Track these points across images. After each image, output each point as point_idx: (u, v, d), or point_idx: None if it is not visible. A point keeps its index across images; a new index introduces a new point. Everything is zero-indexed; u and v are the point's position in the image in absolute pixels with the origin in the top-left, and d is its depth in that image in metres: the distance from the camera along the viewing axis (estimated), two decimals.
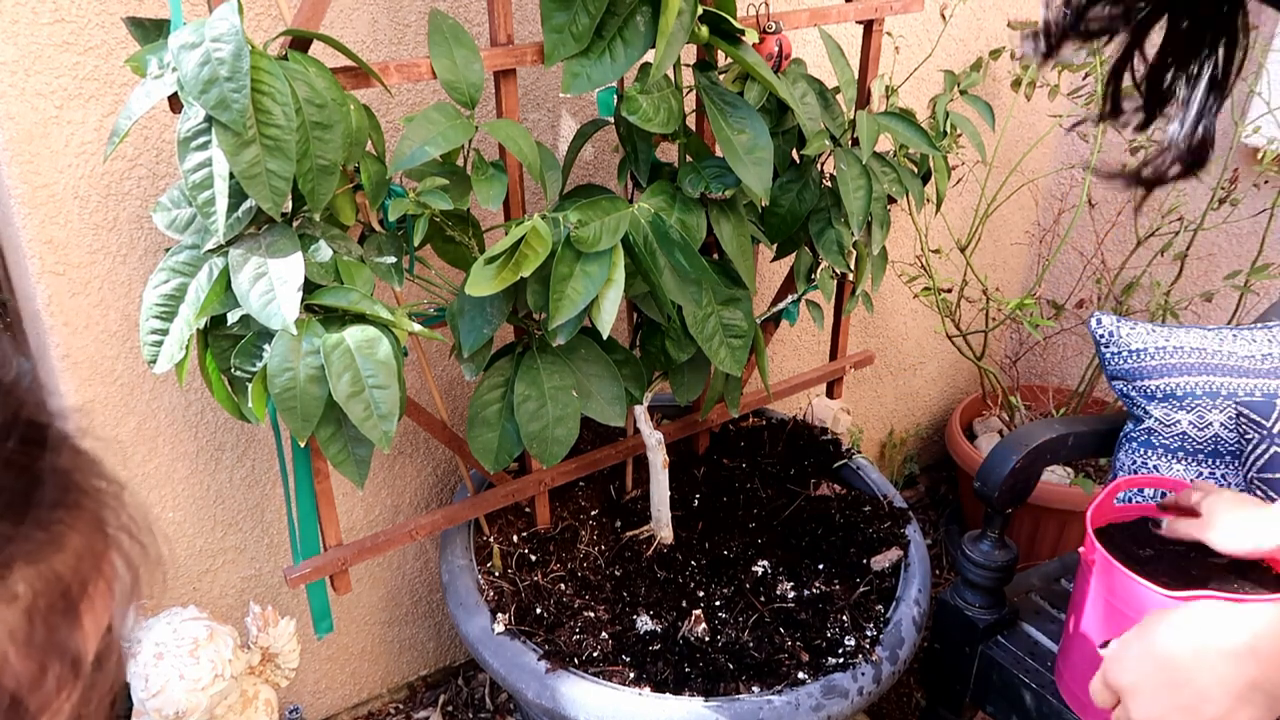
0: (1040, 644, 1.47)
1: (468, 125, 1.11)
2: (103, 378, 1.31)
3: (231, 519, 1.52)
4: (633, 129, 1.25)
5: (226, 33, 0.89)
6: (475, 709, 1.84)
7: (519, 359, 1.27)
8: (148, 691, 1.23)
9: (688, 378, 1.41)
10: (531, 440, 1.26)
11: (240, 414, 1.09)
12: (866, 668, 1.27)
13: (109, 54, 1.16)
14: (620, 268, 1.15)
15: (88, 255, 1.24)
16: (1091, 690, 0.82)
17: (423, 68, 1.11)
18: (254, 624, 1.36)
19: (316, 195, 0.99)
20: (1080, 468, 2.15)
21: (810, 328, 2.13)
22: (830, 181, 1.42)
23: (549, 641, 1.30)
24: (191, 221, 1.06)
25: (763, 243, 1.42)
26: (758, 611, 1.38)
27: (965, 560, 1.46)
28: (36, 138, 1.15)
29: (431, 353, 1.58)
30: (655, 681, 1.25)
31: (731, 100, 1.23)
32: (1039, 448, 1.42)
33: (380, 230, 1.15)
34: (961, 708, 1.56)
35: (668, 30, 1.14)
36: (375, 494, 1.65)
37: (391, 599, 1.77)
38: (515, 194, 1.25)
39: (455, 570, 1.42)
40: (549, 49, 1.12)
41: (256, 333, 1.04)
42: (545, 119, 1.55)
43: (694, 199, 1.25)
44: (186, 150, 0.93)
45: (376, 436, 1.05)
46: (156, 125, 1.23)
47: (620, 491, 1.63)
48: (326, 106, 0.97)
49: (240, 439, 1.47)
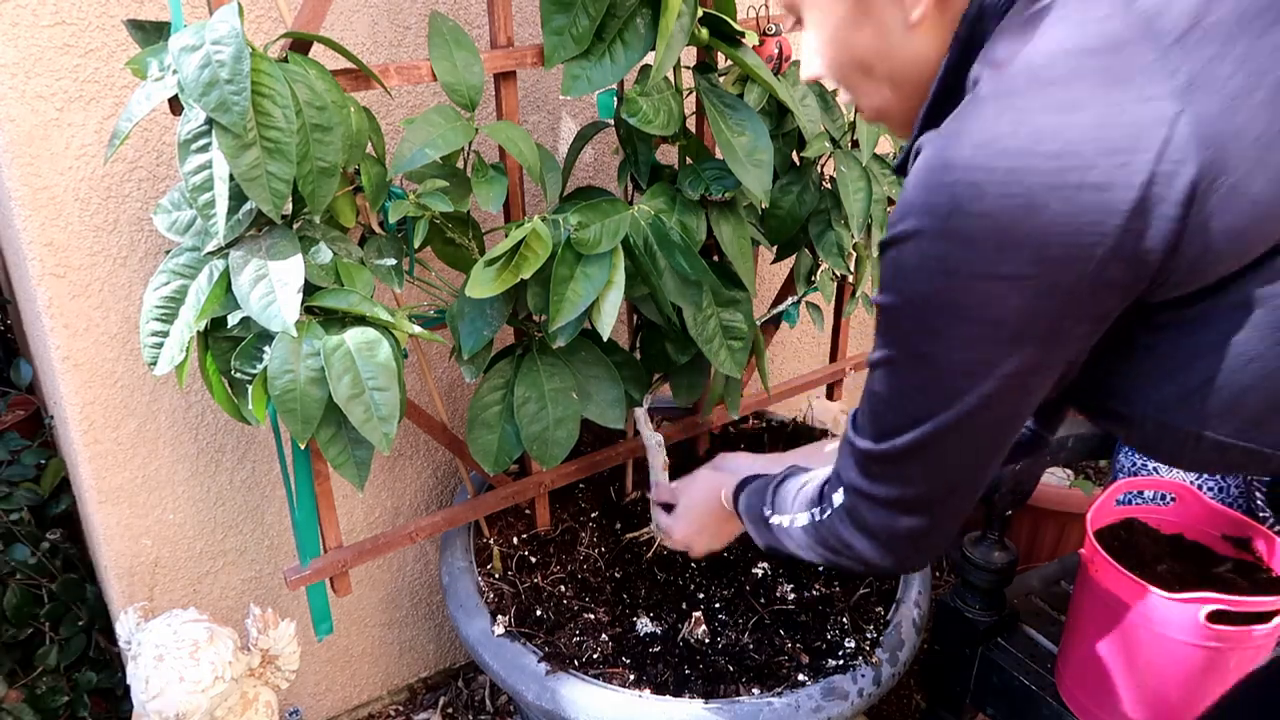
0: (1040, 646, 1.47)
1: (468, 127, 1.11)
2: (103, 380, 1.31)
3: (232, 521, 1.52)
4: (633, 131, 1.25)
5: (227, 35, 0.89)
6: (475, 711, 1.84)
7: (519, 361, 1.27)
8: (148, 693, 1.23)
9: (688, 380, 1.41)
10: (532, 442, 1.26)
11: (240, 416, 1.09)
12: (866, 670, 1.27)
13: (109, 56, 1.17)
14: (620, 270, 1.15)
15: (88, 257, 1.24)
16: (659, 523, 1.28)
17: (423, 70, 1.11)
18: (254, 626, 1.36)
19: (317, 197, 0.99)
20: (1080, 470, 2.15)
21: (810, 330, 2.13)
22: (830, 184, 1.42)
23: (549, 643, 1.30)
24: (192, 224, 1.06)
25: (763, 245, 1.42)
26: (758, 613, 1.38)
27: (965, 562, 1.46)
28: (37, 140, 1.15)
29: (431, 355, 1.58)
30: (655, 683, 1.25)
31: (731, 102, 1.24)
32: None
33: (380, 232, 1.15)
34: (961, 710, 1.56)
35: (668, 33, 1.14)
36: (375, 496, 1.65)
37: (391, 601, 1.77)
38: (515, 196, 1.25)
39: (455, 572, 1.42)
40: (549, 51, 1.12)
41: (257, 335, 1.04)
42: (545, 121, 1.55)
43: (694, 201, 1.25)
44: (187, 152, 0.93)
45: (377, 438, 1.05)
46: (157, 128, 1.23)
47: (620, 493, 1.63)
48: (327, 109, 0.97)
49: (240, 441, 1.47)
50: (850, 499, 0.80)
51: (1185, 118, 0.56)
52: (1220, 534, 1.38)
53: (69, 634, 1.58)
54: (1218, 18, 0.58)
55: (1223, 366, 0.63)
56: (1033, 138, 0.58)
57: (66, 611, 1.59)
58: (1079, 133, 0.57)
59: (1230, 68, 0.57)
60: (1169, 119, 0.56)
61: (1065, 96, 0.58)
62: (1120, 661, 1.27)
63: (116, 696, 1.62)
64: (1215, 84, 0.57)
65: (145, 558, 1.45)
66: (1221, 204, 0.57)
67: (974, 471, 0.73)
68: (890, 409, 0.71)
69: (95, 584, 1.63)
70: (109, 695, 1.63)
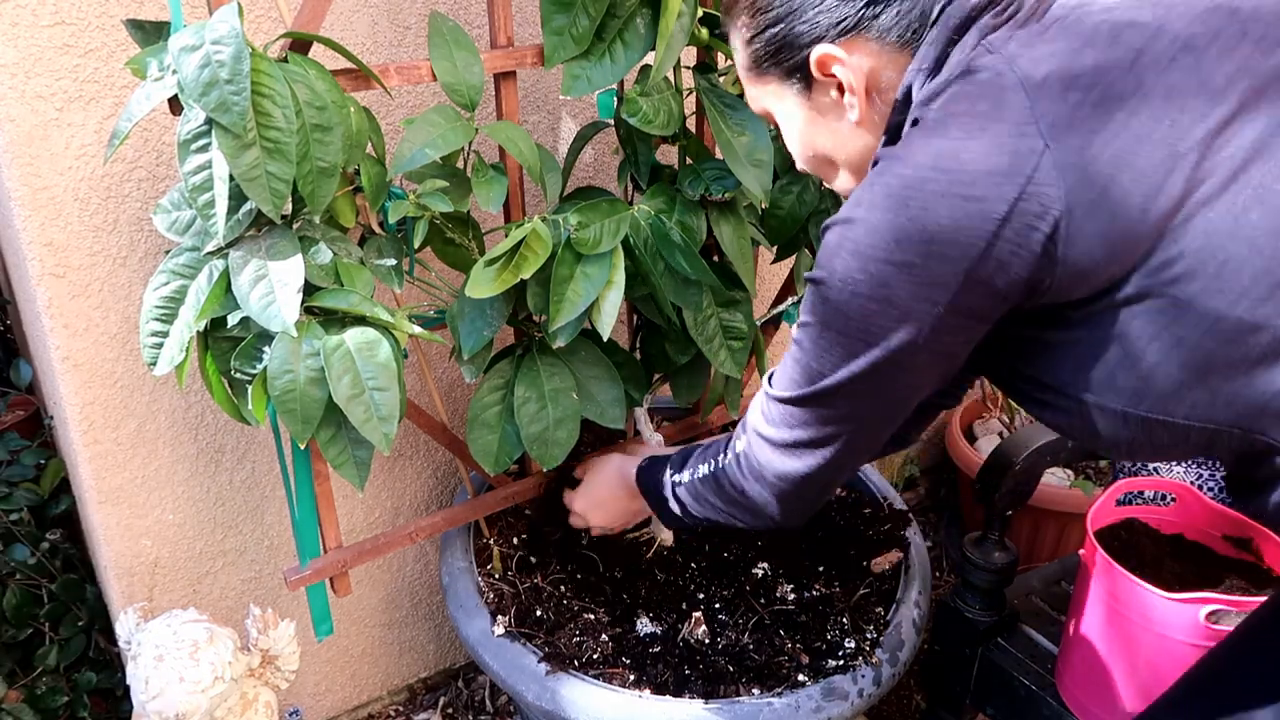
0: (1040, 646, 1.47)
1: (468, 127, 1.11)
2: (103, 380, 1.31)
3: (231, 521, 1.52)
4: (633, 131, 1.25)
5: (226, 35, 0.89)
6: (475, 711, 1.84)
7: (519, 361, 1.27)
8: (148, 694, 1.23)
9: (688, 380, 1.41)
10: (532, 442, 1.26)
11: (240, 416, 1.09)
12: (866, 670, 1.27)
13: (109, 56, 1.17)
14: (620, 270, 1.15)
15: (88, 258, 1.24)
16: (566, 500, 1.40)
17: (423, 70, 1.11)
18: (254, 626, 1.36)
19: (317, 197, 0.99)
20: (1080, 470, 2.15)
21: None
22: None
23: (549, 644, 1.30)
24: (191, 224, 1.06)
25: (763, 245, 1.42)
26: (758, 614, 1.38)
27: (965, 562, 1.46)
28: (37, 140, 1.15)
29: (431, 355, 1.58)
30: (655, 684, 1.25)
31: (732, 102, 1.23)
32: (1039, 450, 1.42)
33: (380, 232, 1.15)
34: (962, 710, 1.56)
35: (668, 32, 1.14)
36: (375, 496, 1.65)
37: (391, 601, 1.77)
38: (515, 196, 1.25)
39: (455, 572, 1.42)
40: (549, 51, 1.12)
41: (256, 335, 1.04)
42: (545, 121, 1.55)
43: (694, 201, 1.25)
44: (186, 153, 0.93)
45: (377, 439, 1.04)
46: (156, 128, 1.23)
47: None
48: (327, 109, 0.97)
49: (240, 441, 1.47)
50: (750, 443, 0.95)
51: (1050, 153, 0.70)
52: (1220, 534, 1.38)
53: (69, 634, 1.58)
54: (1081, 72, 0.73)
55: (1130, 350, 0.74)
56: (935, 157, 0.73)
57: (66, 612, 1.59)
58: (970, 156, 0.71)
59: (1086, 111, 0.71)
60: (1038, 152, 0.70)
61: (964, 129, 0.73)
62: (1120, 662, 1.27)
63: (116, 697, 1.62)
64: (1075, 125, 0.71)
65: (145, 558, 1.45)
66: (1087, 219, 0.70)
67: (860, 430, 0.87)
68: (799, 366, 0.85)
69: (95, 584, 1.63)
70: (109, 695, 1.63)
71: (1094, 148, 0.70)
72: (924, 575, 1.44)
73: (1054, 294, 0.74)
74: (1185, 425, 0.75)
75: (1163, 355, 0.73)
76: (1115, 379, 0.75)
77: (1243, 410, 0.73)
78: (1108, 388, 0.76)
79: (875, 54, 0.83)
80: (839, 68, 0.84)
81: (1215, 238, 0.70)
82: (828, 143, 0.91)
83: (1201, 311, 0.71)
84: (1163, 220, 0.71)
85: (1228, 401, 0.73)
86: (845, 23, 0.82)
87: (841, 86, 0.85)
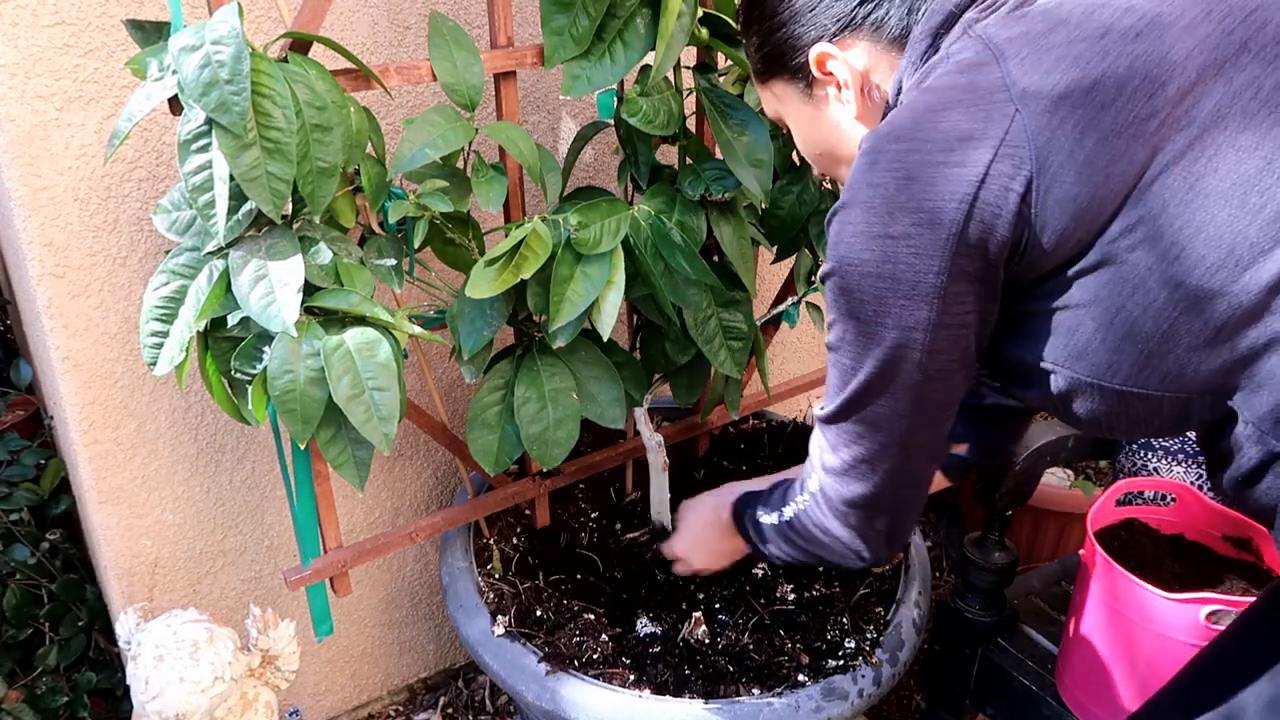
0: (1040, 646, 1.47)
1: (468, 127, 1.11)
2: (103, 380, 1.31)
3: (231, 521, 1.52)
4: (633, 131, 1.25)
5: (227, 35, 0.89)
6: (475, 711, 1.84)
7: (519, 361, 1.27)
8: (148, 694, 1.22)
9: (688, 380, 1.41)
10: (532, 442, 1.26)
11: (240, 416, 1.09)
12: (866, 670, 1.27)
13: (109, 56, 1.17)
14: (620, 270, 1.15)
15: (88, 258, 1.24)
16: (665, 552, 1.37)
17: (423, 70, 1.11)
18: (254, 626, 1.36)
19: (317, 198, 0.99)
20: (1080, 470, 2.15)
21: (810, 330, 2.13)
22: (830, 184, 1.42)
23: (549, 644, 1.30)
24: (191, 224, 1.06)
25: (763, 245, 1.42)
26: (757, 614, 1.38)
27: (965, 562, 1.46)
28: (37, 140, 1.15)
29: (431, 355, 1.58)
30: (655, 684, 1.25)
31: (732, 103, 1.23)
32: (1039, 450, 1.42)
33: (380, 232, 1.15)
34: (961, 710, 1.56)
35: (668, 33, 1.14)
36: (375, 496, 1.65)
37: (391, 601, 1.77)
38: (515, 196, 1.25)
39: (455, 572, 1.42)
40: (549, 51, 1.12)
41: (256, 335, 1.04)
42: (545, 121, 1.55)
43: (694, 201, 1.25)
44: (187, 153, 0.93)
45: (377, 439, 1.05)
46: (156, 128, 1.23)
47: (620, 494, 1.62)
48: (327, 109, 0.97)
49: (240, 441, 1.47)
50: (819, 480, 0.94)
51: (1020, 116, 0.72)
52: (1220, 534, 1.38)
53: (69, 634, 1.58)
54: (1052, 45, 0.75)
55: (1099, 321, 0.75)
56: (915, 126, 0.75)
57: (66, 612, 1.59)
58: (948, 125, 0.74)
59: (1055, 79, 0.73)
60: (1010, 116, 0.73)
61: (940, 99, 0.76)
62: (1120, 662, 1.27)
63: (116, 697, 1.62)
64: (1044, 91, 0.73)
65: (145, 558, 1.45)
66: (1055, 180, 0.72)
67: (908, 432, 0.85)
68: (835, 370, 0.85)
69: (95, 584, 1.63)
70: (109, 695, 1.63)
71: (1061, 112, 0.73)
72: (924, 575, 1.44)
73: (1029, 260, 0.76)
74: (1159, 396, 0.76)
75: (1130, 325, 0.74)
76: (1088, 351, 0.76)
77: (1211, 377, 0.75)
78: (1082, 360, 0.77)
79: (870, 50, 0.86)
80: (835, 64, 0.87)
81: (1172, 205, 0.72)
82: (831, 139, 0.94)
83: (1161, 279, 0.73)
84: (1125, 185, 0.73)
85: (1195, 369, 0.75)
86: (840, 21, 0.86)
87: (839, 83, 0.88)
